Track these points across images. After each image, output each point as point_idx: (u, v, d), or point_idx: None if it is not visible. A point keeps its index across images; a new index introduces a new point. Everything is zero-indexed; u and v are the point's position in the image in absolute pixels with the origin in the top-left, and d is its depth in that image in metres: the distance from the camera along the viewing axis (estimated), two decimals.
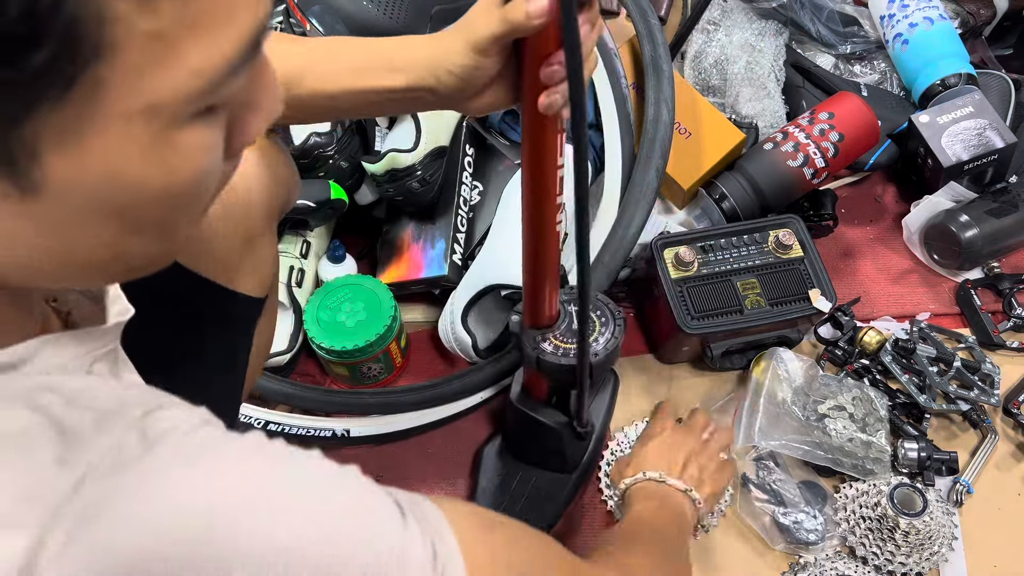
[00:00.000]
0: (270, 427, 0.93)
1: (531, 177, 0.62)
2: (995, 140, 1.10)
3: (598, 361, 0.79)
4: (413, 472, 0.99)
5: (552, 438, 0.89)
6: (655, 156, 1.00)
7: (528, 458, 0.94)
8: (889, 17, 1.25)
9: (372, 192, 1.08)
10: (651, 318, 1.07)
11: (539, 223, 0.65)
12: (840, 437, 0.93)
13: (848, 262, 1.15)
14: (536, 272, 0.70)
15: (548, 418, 0.87)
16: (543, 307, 0.75)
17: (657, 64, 1.05)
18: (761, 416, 0.94)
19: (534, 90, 0.54)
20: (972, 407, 0.98)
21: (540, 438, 0.90)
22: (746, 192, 1.08)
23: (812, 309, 0.96)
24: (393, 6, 0.96)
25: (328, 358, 0.98)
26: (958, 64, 1.19)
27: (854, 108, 1.09)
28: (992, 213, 1.08)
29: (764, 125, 1.19)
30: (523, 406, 0.87)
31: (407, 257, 1.05)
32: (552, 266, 0.70)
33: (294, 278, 1.02)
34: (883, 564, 0.88)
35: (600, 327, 0.81)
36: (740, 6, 1.28)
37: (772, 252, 0.99)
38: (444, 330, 0.99)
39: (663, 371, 1.06)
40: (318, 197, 0.98)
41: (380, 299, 0.98)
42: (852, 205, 1.21)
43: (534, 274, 0.71)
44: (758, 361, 0.99)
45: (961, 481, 0.94)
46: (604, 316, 0.82)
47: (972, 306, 1.08)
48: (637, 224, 0.97)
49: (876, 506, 0.88)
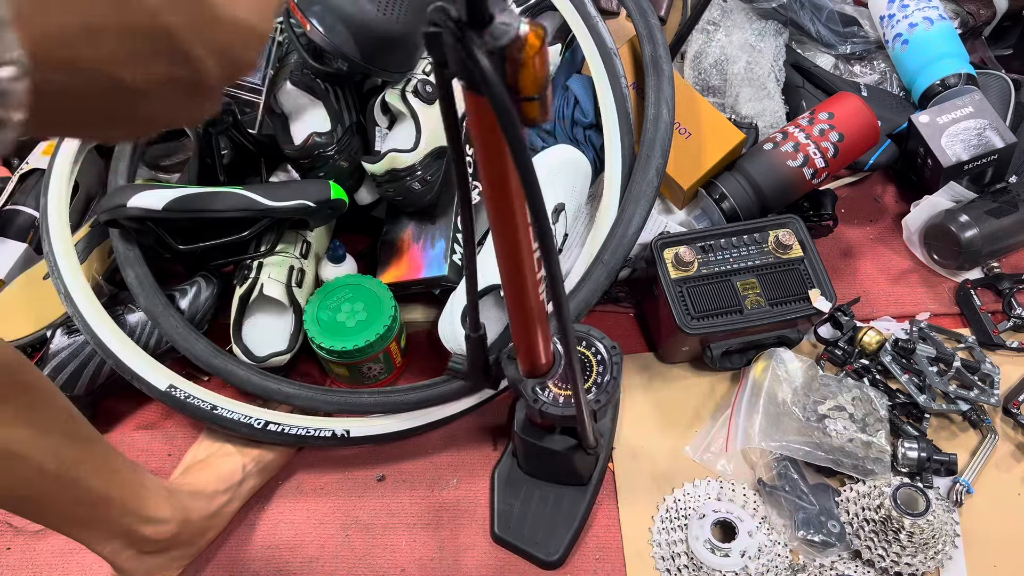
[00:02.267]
0: (270, 427, 0.93)
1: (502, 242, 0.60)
2: (995, 140, 1.10)
3: (600, 406, 0.78)
4: (413, 472, 0.99)
5: (563, 461, 0.89)
6: (655, 156, 1.00)
7: (542, 476, 0.95)
8: (889, 17, 1.25)
9: (372, 192, 1.08)
10: (651, 318, 1.07)
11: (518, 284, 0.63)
12: (840, 437, 0.93)
13: (848, 262, 1.15)
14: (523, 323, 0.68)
15: (557, 445, 0.86)
16: (537, 356, 0.73)
17: (657, 64, 1.05)
18: (761, 416, 0.94)
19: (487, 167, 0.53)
20: (972, 407, 0.98)
21: (551, 461, 0.90)
22: (746, 192, 1.08)
23: (812, 309, 0.96)
24: (393, 6, 0.96)
25: (328, 358, 0.98)
26: (958, 64, 1.19)
27: (854, 108, 1.09)
28: (992, 213, 1.08)
29: (764, 125, 1.19)
30: (530, 436, 0.87)
31: (407, 257, 1.05)
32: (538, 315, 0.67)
33: (294, 278, 1.01)
34: (890, 566, 0.88)
35: (596, 365, 0.80)
36: (740, 6, 1.28)
37: (772, 252, 0.99)
38: (444, 330, 0.99)
39: (663, 370, 1.06)
40: (318, 197, 0.98)
41: (380, 299, 0.98)
42: (852, 205, 1.21)
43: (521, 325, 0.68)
44: (758, 361, 1.00)
45: (961, 481, 0.94)
46: (599, 353, 0.81)
47: (972, 306, 1.08)
48: (637, 223, 0.97)
49: (879, 508, 0.88)
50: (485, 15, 0.40)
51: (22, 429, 0.66)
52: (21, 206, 1.11)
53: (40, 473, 0.69)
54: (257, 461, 0.95)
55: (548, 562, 0.91)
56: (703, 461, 0.98)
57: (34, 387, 0.68)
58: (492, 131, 0.47)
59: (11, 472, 0.67)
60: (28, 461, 0.67)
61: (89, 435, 0.74)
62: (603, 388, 0.79)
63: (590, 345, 0.82)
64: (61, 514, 0.75)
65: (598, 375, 0.80)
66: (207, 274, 1.04)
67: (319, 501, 0.97)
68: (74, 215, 1.07)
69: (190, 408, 0.93)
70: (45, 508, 0.74)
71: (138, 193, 0.94)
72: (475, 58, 0.40)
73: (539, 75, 0.42)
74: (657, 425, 1.01)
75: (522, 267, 0.60)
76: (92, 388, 0.98)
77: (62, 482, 0.70)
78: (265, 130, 1.04)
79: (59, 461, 0.70)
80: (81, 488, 0.73)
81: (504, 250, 0.59)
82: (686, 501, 0.94)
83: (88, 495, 0.74)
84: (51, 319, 1.00)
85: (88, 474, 0.73)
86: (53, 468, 0.69)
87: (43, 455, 0.68)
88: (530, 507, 0.93)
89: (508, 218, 0.56)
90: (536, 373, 0.76)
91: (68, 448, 0.71)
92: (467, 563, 0.93)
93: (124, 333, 0.95)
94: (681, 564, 0.90)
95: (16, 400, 0.66)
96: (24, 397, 0.66)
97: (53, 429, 0.69)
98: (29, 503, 0.72)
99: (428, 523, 0.95)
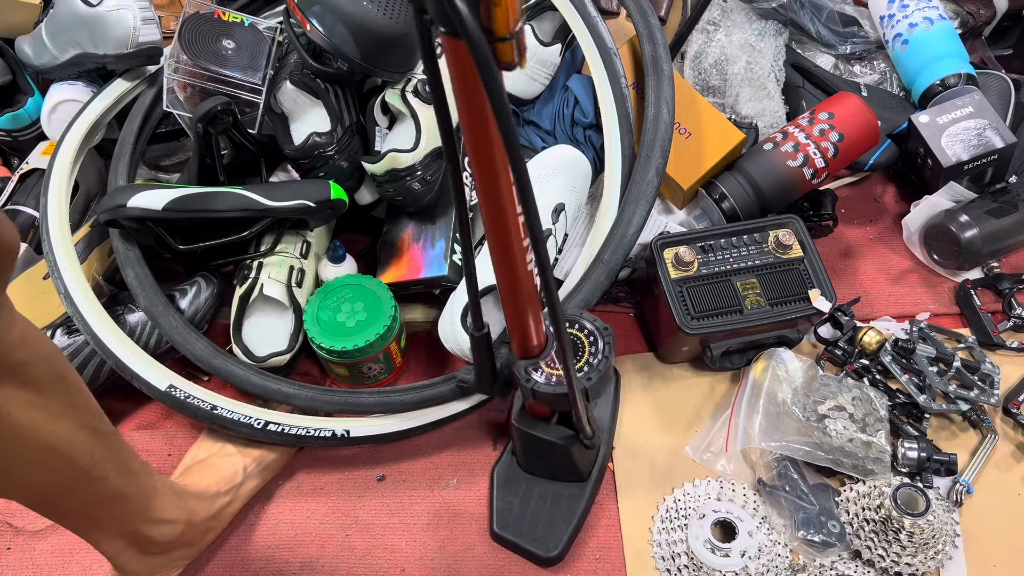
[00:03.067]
0: (270, 427, 0.93)
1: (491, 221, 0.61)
2: (995, 140, 1.10)
3: (592, 384, 0.78)
4: (413, 472, 0.99)
5: (561, 453, 0.88)
6: (655, 156, 1.00)
7: (541, 472, 0.94)
8: (889, 17, 1.25)
9: (372, 192, 1.08)
10: (651, 318, 1.07)
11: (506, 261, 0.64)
12: (840, 437, 0.93)
13: (848, 262, 1.15)
14: (515, 304, 0.69)
15: (553, 435, 0.86)
16: (529, 337, 0.74)
17: (657, 64, 1.05)
18: (761, 416, 0.94)
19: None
20: (972, 407, 0.98)
21: (549, 454, 0.90)
22: (746, 192, 1.08)
23: (812, 309, 0.96)
24: (393, 6, 0.96)
25: (328, 358, 0.98)
26: (958, 64, 1.19)
27: (854, 108, 1.09)
28: (992, 213, 1.08)
29: (764, 125, 1.19)
30: (526, 427, 0.87)
31: (407, 257, 1.05)
32: (529, 297, 0.68)
33: (294, 278, 1.02)
34: (890, 566, 0.88)
35: (588, 346, 0.80)
36: (740, 6, 1.28)
37: (772, 252, 0.99)
38: (444, 330, 0.99)
39: (663, 370, 1.06)
40: (318, 197, 0.98)
41: (380, 299, 0.98)
42: (852, 205, 1.21)
43: (513, 307, 0.69)
44: (758, 361, 1.00)
45: (961, 481, 0.94)
46: (592, 335, 0.81)
47: (972, 306, 1.08)
48: (637, 223, 0.97)
49: (879, 508, 0.88)
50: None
51: (64, 424, 0.66)
52: (21, 206, 1.11)
53: (73, 468, 0.68)
54: (258, 462, 0.95)
55: (547, 558, 0.91)
56: (703, 461, 0.98)
57: (72, 382, 0.68)
58: (472, 75, 0.48)
59: (48, 466, 0.67)
60: (65, 457, 0.67)
61: (111, 432, 0.74)
62: (595, 367, 0.79)
63: (582, 328, 0.82)
64: (77, 512, 0.75)
65: (591, 355, 0.79)
66: (207, 274, 1.04)
67: (319, 501, 0.97)
68: (74, 215, 1.07)
69: (190, 408, 0.93)
70: (65, 504, 0.73)
71: (138, 193, 0.94)
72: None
73: (512, 12, 0.43)
74: (657, 425, 1.01)
75: (509, 237, 0.61)
76: (92, 388, 0.97)
77: (88, 479, 0.70)
78: (265, 130, 1.04)
79: (90, 457, 0.69)
80: (103, 486, 0.72)
81: (491, 216, 0.60)
82: (686, 501, 0.94)
83: (107, 493, 0.74)
84: (51, 319, 1.00)
85: (111, 472, 0.73)
86: (84, 464, 0.69)
87: (77, 451, 0.68)
88: (529, 504, 0.93)
89: (493, 179, 0.56)
90: (529, 355, 0.77)
91: (96, 445, 0.70)
92: (467, 563, 0.93)
93: (124, 333, 0.95)
94: (681, 564, 0.90)
95: (61, 395, 0.65)
96: (65, 392, 0.66)
97: (85, 424, 0.69)
98: (53, 499, 0.72)
99: (428, 523, 0.95)
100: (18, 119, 1.15)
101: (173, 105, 1.05)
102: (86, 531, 0.79)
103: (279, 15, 1.15)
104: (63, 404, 0.66)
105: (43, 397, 0.64)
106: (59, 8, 1.07)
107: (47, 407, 0.64)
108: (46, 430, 0.65)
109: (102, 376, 0.98)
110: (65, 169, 1.04)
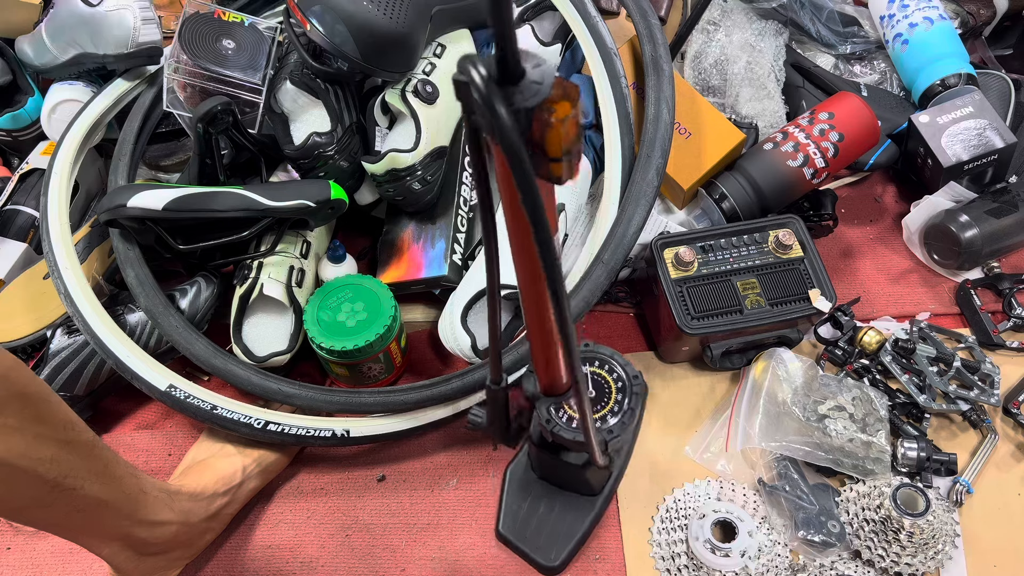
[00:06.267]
0: (270, 427, 0.93)
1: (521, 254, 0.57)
2: (995, 140, 1.10)
3: (614, 437, 0.73)
4: (413, 472, 0.99)
5: (575, 473, 0.88)
6: (655, 156, 1.00)
7: (553, 480, 0.94)
8: (889, 17, 1.25)
9: (372, 192, 1.08)
10: (651, 318, 1.07)
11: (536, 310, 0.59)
12: (840, 437, 0.93)
13: (848, 262, 1.15)
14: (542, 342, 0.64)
15: (571, 459, 0.85)
16: (556, 374, 0.69)
17: (657, 64, 1.05)
18: (761, 416, 0.94)
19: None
20: (972, 407, 0.98)
21: (564, 471, 0.89)
22: (746, 192, 1.08)
23: (812, 309, 0.96)
24: (393, 6, 0.96)
25: (328, 358, 0.98)
26: (958, 64, 1.19)
27: (854, 108, 1.09)
28: (992, 213, 1.08)
29: (764, 125, 1.19)
30: (544, 448, 0.85)
31: (407, 257, 1.05)
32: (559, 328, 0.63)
33: (294, 278, 1.01)
34: (890, 566, 0.88)
35: (616, 393, 0.76)
36: (740, 6, 1.28)
37: (772, 252, 0.99)
38: (444, 330, 0.99)
39: (663, 370, 1.06)
40: (318, 197, 0.98)
41: (380, 299, 0.98)
42: (852, 205, 1.21)
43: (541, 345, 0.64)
44: (758, 361, 1.00)
45: (961, 481, 0.94)
46: (620, 380, 0.76)
47: (972, 306, 1.08)
48: (637, 223, 0.97)
49: (879, 508, 0.88)
50: (516, 72, 0.38)
51: (21, 439, 0.65)
52: (21, 206, 1.11)
53: (39, 482, 0.68)
54: (258, 462, 0.95)
55: (547, 567, 0.90)
56: (703, 461, 0.98)
57: (33, 396, 0.67)
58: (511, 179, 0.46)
59: (10, 483, 0.66)
60: (26, 472, 0.66)
61: (88, 441, 0.73)
62: (620, 418, 0.74)
63: (612, 370, 0.78)
64: (59, 522, 0.75)
65: (616, 403, 0.76)
66: (207, 274, 1.04)
67: (319, 501, 0.97)
68: (74, 215, 1.07)
69: (190, 408, 0.93)
70: (43, 516, 0.73)
71: (138, 193, 0.94)
72: (497, 116, 0.38)
73: (567, 138, 0.40)
74: (657, 425, 1.01)
75: (542, 297, 0.58)
76: (92, 388, 0.98)
77: (60, 491, 0.70)
78: (265, 130, 1.04)
79: (58, 470, 0.69)
80: (79, 496, 0.72)
81: (524, 278, 0.57)
82: (686, 501, 0.94)
83: (86, 502, 0.73)
84: (51, 319, 1.00)
85: (87, 482, 0.72)
86: (52, 477, 0.69)
87: (42, 465, 0.68)
88: (537, 511, 0.93)
89: (529, 260, 0.54)
90: (554, 391, 0.73)
91: (67, 456, 0.70)
92: (467, 563, 0.93)
93: (124, 333, 0.95)
94: (681, 564, 0.90)
95: (19, 412, 0.65)
96: (24, 407, 0.66)
97: (51, 437, 0.68)
98: (27, 512, 0.72)
99: (428, 523, 0.95)
100: (18, 119, 1.15)
101: (173, 105, 1.05)
102: (74, 537, 0.78)
103: (279, 15, 1.15)
104: (21, 420, 0.65)
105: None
106: (59, 8, 1.07)
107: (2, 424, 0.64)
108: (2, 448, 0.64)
109: (102, 376, 0.98)
110: (65, 169, 1.04)
